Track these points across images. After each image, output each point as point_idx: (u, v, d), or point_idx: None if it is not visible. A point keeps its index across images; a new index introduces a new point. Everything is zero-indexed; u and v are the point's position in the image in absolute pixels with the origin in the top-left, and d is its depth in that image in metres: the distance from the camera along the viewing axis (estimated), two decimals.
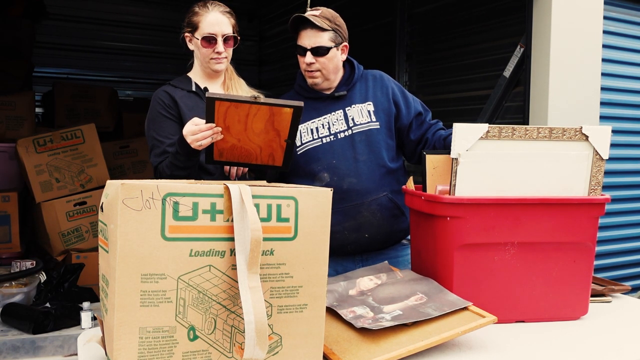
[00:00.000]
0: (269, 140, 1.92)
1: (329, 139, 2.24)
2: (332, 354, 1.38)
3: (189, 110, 2.15)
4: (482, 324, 1.46)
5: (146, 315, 1.11)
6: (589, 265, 1.76)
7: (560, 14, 3.28)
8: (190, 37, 2.19)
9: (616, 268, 4.00)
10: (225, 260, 1.17)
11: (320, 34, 2.16)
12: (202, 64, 2.21)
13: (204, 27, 2.13)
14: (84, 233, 4.36)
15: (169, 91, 2.20)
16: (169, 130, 2.14)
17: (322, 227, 1.25)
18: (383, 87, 2.33)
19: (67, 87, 5.58)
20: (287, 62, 7.51)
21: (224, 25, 2.15)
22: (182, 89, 2.21)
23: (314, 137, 2.25)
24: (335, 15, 2.23)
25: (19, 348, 3.01)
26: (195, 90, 2.22)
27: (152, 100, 2.21)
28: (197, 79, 2.25)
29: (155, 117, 2.18)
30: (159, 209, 1.11)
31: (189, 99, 2.19)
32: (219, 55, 2.16)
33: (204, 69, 2.23)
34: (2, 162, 4.60)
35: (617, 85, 3.86)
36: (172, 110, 2.16)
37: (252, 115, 1.84)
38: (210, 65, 2.18)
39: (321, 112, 2.28)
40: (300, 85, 2.32)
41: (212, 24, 2.13)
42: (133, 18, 7.03)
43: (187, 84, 2.24)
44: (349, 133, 2.24)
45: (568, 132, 1.70)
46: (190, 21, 2.18)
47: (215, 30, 2.13)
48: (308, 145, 2.24)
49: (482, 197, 1.66)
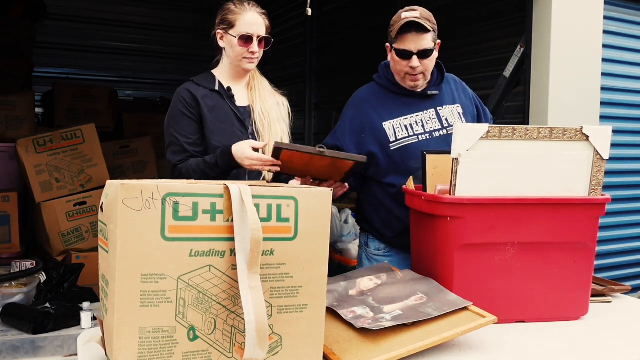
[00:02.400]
0: (330, 173, 1.99)
1: (425, 137, 2.23)
2: (332, 354, 1.38)
3: (209, 110, 2.17)
4: (482, 324, 1.46)
5: (146, 315, 1.11)
6: (589, 266, 1.76)
7: (560, 14, 3.27)
8: (223, 34, 2.19)
9: (616, 268, 4.00)
10: (226, 261, 1.17)
11: (424, 36, 2.12)
12: (232, 62, 2.21)
13: (241, 25, 2.14)
14: (84, 233, 4.35)
15: (192, 90, 2.19)
16: (188, 129, 2.16)
17: (322, 227, 1.25)
18: (465, 91, 2.37)
19: (67, 87, 5.58)
20: (287, 62, 7.51)
21: (260, 26, 2.17)
22: (204, 87, 2.21)
23: (409, 133, 2.23)
24: (430, 13, 2.20)
25: (19, 348, 3.01)
26: (218, 89, 2.21)
27: (174, 97, 2.21)
28: (221, 78, 2.25)
29: (176, 115, 2.18)
30: (158, 209, 1.11)
31: (210, 99, 2.19)
32: (253, 55, 2.17)
33: (234, 68, 2.23)
34: (2, 162, 4.59)
35: (617, 85, 3.85)
36: (193, 110, 2.17)
37: (315, 159, 1.88)
38: (242, 64, 2.19)
39: (412, 108, 2.26)
40: (388, 80, 2.28)
41: (249, 24, 2.14)
42: (133, 18, 7.04)
43: (210, 82, 2.23)
44: (444, 133, 2.24)
45: (568, 132, 1.70)
46: (225, 18, 2.18)
47: (252, 30, 2.14)
48: (404, 142, 2.22)
49: (482, 197, 1.66)
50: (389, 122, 2.24)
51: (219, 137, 2.15)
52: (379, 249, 2.39)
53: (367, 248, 2.43)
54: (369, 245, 2.42)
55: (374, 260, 2.37)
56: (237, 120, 2.20)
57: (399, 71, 2.21)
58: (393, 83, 2.27)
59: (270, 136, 2.22)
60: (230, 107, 2.20)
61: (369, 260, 2.39)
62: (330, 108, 6.74)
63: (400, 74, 2.22)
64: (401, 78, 2.23)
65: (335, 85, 6.57)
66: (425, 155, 1.95)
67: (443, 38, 2.28)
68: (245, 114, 2.23)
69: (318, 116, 6.96)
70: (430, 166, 1.94)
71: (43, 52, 6.48)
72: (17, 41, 5.32)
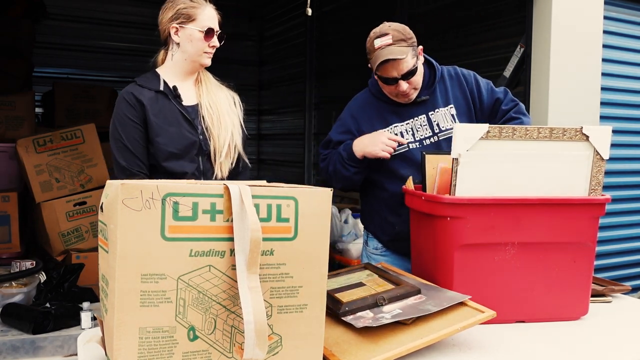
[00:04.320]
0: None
1: (416, 145, 2.22)
2: (332, 355, 1.38)
3: (154, 116, 2.09)
4: (481, 319, 1.46)
5: (146, 315, 1.11)
6: (589, 266, 1.76)
7: (561, 14, 3.28)
8: (179, 29, 2.10)
9: (616, 268, 4.00)
10: (225, 261, 1.17)
11: (403, 60, 2.07)
12: (189, 57, 2.13)
13: (203, 19, 2.09)
14: (83, 233, 4.36)
15: (137, 94, 2.10)
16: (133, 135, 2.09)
17: (322, 227, 1.25)
18: (461, 85, 2.29)
19: (67, 87, 5.58)
20: (287, 62, 7.51)
21: (217, 22, 2.14)
22: (149, 88, 2.13)
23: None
24: (402, 27, 2.13)
25: (19, 348, 3.01)
26: (163, 89, 2.13)
27: (117, 100, 2.14)
28: (167, 76, 2.16)
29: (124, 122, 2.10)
30: (158, 209, 1.11)
31: (155, 102, 2.11)
32: (212, 50, 2.13)
33: (189, 64, 2.15)
34: (2, 162, 4.60)
35: (617, 85, 3.85)
36: (139, 117, 2.09)
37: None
38: (201, 59, 2.13)
39: (403, 116, 2.24)
40: (378, 90, 2.26)
41: (210, 18, 2.11)
42: (133, 18, 7.04)
43: (154, 82, 2.14)
44: (435, 140, 2.23)
45: (568, 132, 1.70)
46: (182, 12, 2.10)
47: (213, 24, 2.11)
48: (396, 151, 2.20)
49: (482, 197, 1.66)
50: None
51: (166, 140, 2.08)
52: (377, 248, 2.41)
53: (367, 246, 2.46)
54: (368, 244, 2.45)
55: (372, 259, 2.38)
56: (184, 120, 2.12)
57: (389, 93, 2.20)
58: (382, 93, 2.25)
59: (220, 131, 2.15)
60: (177, 108, 2.12)
61: (369, 259, 2.41)
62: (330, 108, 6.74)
63: (391, 95, 2.20)
64: (393, 96, 2.21)
65: (335, 85, 6.57)
66: (425, 156, 1.95)
67: (443, 38, 2.27)
68: (193, 113, 2.15)
69: (318, 116, 6.96)
70: (430, 166, 1.94)
71: (43, 52, 6.49)
72: (17, 41, 5.32)
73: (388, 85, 2.15)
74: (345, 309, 1.51)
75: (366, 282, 1.71)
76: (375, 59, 2.08)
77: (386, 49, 2.06)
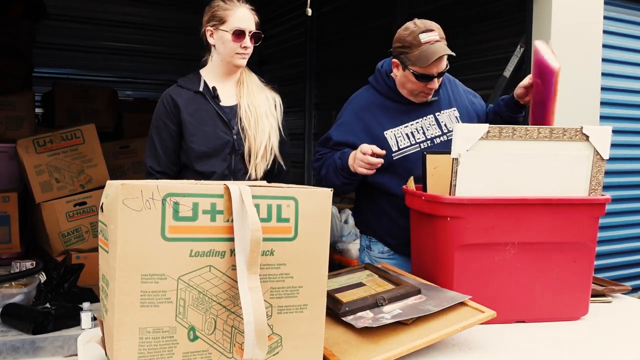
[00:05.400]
0: None
1: (427, 144, 2.22)
2: (332, 355, 1.38)
3: (189, 115, 2.16)
4: (481, 319, 1.46)
5: (146, 315, 1.11)
6: (589, 266, 1.76)
7: (560, 14, 3.27)
8: (213, 31, 2.18)
9: (616, 268, 4.00)
10: (226, 261, 1.17)
11: (445, 57, 2.08)
12: (224, 59, 2.20)
13: (233, 21, 2.14)
14: (83, 233, 4.36)
15: (174, 96, 2.19)
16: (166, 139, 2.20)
17: (323, 227, 1.25)
18: (458, 91, 2.34)
19: (67, 87, 5.58)
20: (287, 62, 7.51)
21: (251, 22, 2.17)
22: (188, 89, 2.20)
23: (411, 142, 2.21)
24: (439, 25, 2.14)
25: (19, 348, 3.01)
26: (202, 90, 2.20)
27: (158, 101, 2.22)
28: (208, 77, 2.24)
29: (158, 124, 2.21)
30: (159, 209, 1.11)
31: (192, 102, 2.18)
32: (245, 51, 2.17)
33: (225, 65, 2.21)
34: (2, 163, 4.60)
35: (617, 85, 3.85)
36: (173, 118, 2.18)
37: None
38: (234, 60, 2.18)
39: (412, 116, 2.23)
40: (388, 87, 2.24)
41: (242, 19, 2.15)
42: (133, 18, 7.04)
43: (195, 83, 2.22)
44: (445, 139, 2.23)
45: (568, 132, 1.70)
46: (215, 15, 2.16)
47: (244, 25, 2.15)
48: (407, 151, 2.20)
49: (482, 197, 1.66)
50: (390, 130, 2.21)
51: (200, 139, 2.15)
52: (383, 252, 2.36)
53: (370, 251, 2.40)
54: (372, 248, 2.39)
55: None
56: (220, 121, 2.17)
57: (412, 90, 2.17)
58: (393, 91, 2.23)
59: (256, 132, 2.19)
60: (213, 108, 2.18)
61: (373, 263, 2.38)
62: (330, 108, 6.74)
63: (414, 92, 2.18)
64: (411, 94, 2.20)
65: (335, 85, 6.57)
66: (425, 155, 1.95)
67: None
68: (231, 113, 2.20)
69: (318, 116, 6.96)
70: (430, 166, 1.94)
71: (43, 52, 6.49)
72: (17, 41, 5.33)
73: (420, 82, 2.12)
74: (346, 309, 1.51)
75: (366, 282, 1.71)
76: (421, 54, 2.04)
77: (436, 44, 2.05)
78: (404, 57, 2.11)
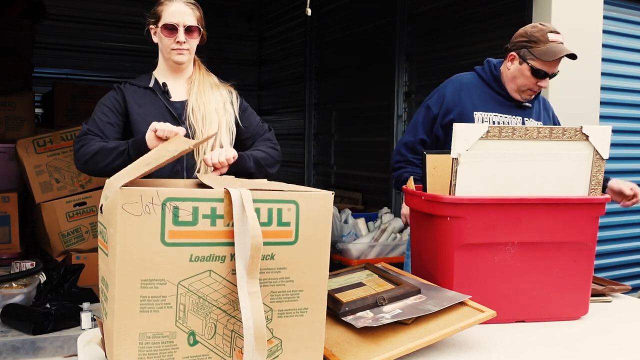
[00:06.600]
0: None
1: None
2: (332, 355, 1.38)
3: (139, 106, 2.13)
4: (481, 319, 1.46)
5: (146, 320, 1.10)
6: (589, 265, 1.76)
7: (560, 14, 3.27)
8: (154, 29, 2.15)
9: (616, 268, 4.00)
10: (226, 265, 1.16)
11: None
12: (164, 55, 2.17)
13: (166, 16, 2.10)
14: (83, 234, 4.36)
15: (124, 89, 2.17)
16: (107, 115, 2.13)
17: (323, 230, 1.24)
18: (547, 112, 2.42)
19: (67, 87, 5.58)
20: (287, 62, 7.51)
21: (187, 16, 2.11)
22: (138, 86, 2.18)
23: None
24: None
25: (19, 349, 3.01)
26: (152, 86, 2.17)
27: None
28: (158, 75, 2.21)
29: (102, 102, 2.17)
30: (158, 214, 1.10)
31: (142, 96, 2.15)
32: (180, 46, 2.11)
33: (167, 62, 2.18)
34: (2, 163, 4.60)
35: (617, 85, 3.86)
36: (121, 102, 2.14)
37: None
38: (172, 56, 2.13)
39: (503, 108, 2.30)
40: (493, 77, 2.32)
41: (174, 14, 2.10)
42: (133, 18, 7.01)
43: (145, 81, 2.20)
44: None
45: (568, 132, 1.70)
46: (154, 12, 2.15)
47: (177, 20, 2.09)
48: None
49: (482, 197, 1.66)
50: (480, 113, 2.27)
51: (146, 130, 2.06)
52: None
53: None
54: None
55: None
56: (169, 115, 2.13)
57: (522, 85, 2.24)
58: (497, 81, 2.31)
59: (204, 128, 2.15)
60: (163, 103, 2.15)
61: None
62: (330, 108, 6.74)
63: (522, 88, 2.25)
64: (518, 90, 2.26)
65: (335, 85, 6.57)
66: (426, 155, 1.95)
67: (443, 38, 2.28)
68: (181, 108, 2.16)
69: (318, 116, 6.96)
70: (430, 166, 1.94)
71: (43, 52, 6.49)
72: (17, 41, 5.32)
73: (533, 78, 2.20)
74: (345, 309, 1.51)
75: (366, 282, 1.71)
76: (548, 49, 2.14)
77: (562, 45, 2.15)
78: (526, 50, 2.20)
